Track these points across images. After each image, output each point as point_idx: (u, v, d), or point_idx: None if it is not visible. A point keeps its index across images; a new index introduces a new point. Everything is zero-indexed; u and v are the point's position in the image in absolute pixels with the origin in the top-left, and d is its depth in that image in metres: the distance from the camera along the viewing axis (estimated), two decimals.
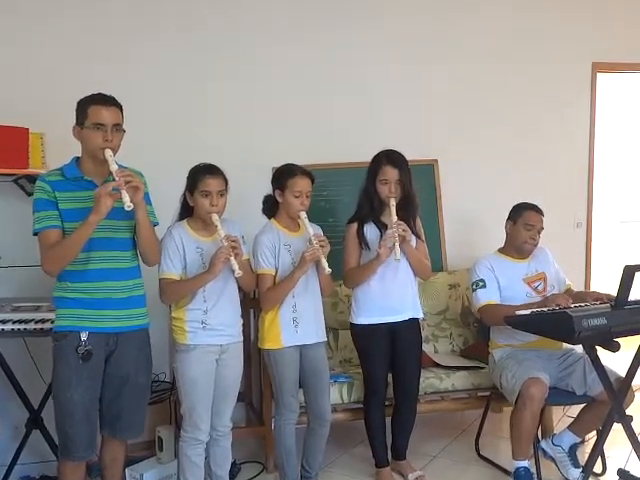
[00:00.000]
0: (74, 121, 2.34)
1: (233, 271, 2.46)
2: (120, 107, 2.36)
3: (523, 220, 3.19)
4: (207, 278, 2.50)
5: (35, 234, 2.31)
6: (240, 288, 2.74)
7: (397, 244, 2.77)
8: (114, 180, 2.22)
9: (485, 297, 3.15)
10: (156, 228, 2.49)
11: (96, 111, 2.28)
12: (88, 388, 2.34)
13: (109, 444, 2.55)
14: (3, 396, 3.04)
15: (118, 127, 2.33)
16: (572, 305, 2.82)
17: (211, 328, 2.58)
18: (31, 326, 2.73)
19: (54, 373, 2.37)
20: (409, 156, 2.99)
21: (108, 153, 2.27)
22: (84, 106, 2.31)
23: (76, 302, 2.34)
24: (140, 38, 3.64)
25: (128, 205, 2.19)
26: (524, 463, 2.94)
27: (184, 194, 2.65)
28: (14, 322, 2.76)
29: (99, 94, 2.33)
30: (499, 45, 4.18)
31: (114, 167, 2.24)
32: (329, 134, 3.91)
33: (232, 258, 2.45)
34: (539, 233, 3.21)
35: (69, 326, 2.34)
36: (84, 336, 2.32)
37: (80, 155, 2.39)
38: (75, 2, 3.55)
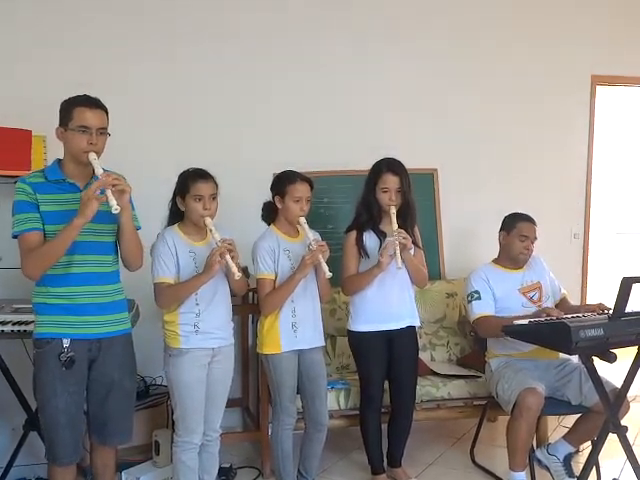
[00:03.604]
0: None
1: (233, 273, 2.46)
2: (105, 110, 2.32)
3: (517, 231, 3.20)
4: (204, 279, 2.49)
5: (15, 237, 2.27)
6: (231, 292, 2.74)
7: (398, 252, 2.79)
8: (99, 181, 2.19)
9: (480, 309, 3.16)
10: (141, 232, 2.47)
11: (81, 113, 2.24)
12: (72, 394, 2.31)
13: (99, 451, 2.52)
14: (1, 397, 3.03)
15: (103, 131, 2.29)
16: (567, 316, 2.84)
17: (203, 332, 2.58)
18: (30, 328, 2.70)
19: (37, 380, 2.33)
20: (409, 165, 3.01)
21: (92, 156, 2.24)
22: (69, 107, 2.27)
23: (57, 308, 2.30)
24: (141, 40, 3.67)
25: (115, 208, 2.16)
26: (521, 476, 2.94)
27: (173, 199, 2.65)
28: (14, 324, 2.77)
29: (84, 96, 2.30)
30: (499, 57, 4.22)
31: (99, 171, 2.21)
32: (329, 141, 3.94)
33: (230, 260, 2.45)
34: (533, 243, 3.23)
35: (51, 333, 2.29)
36: (66, 343, 2.28)
37: (62, 157, 2.36)
38: (77, 5, 3.58)
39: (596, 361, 2.67)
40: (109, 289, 2.39)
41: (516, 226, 3.21)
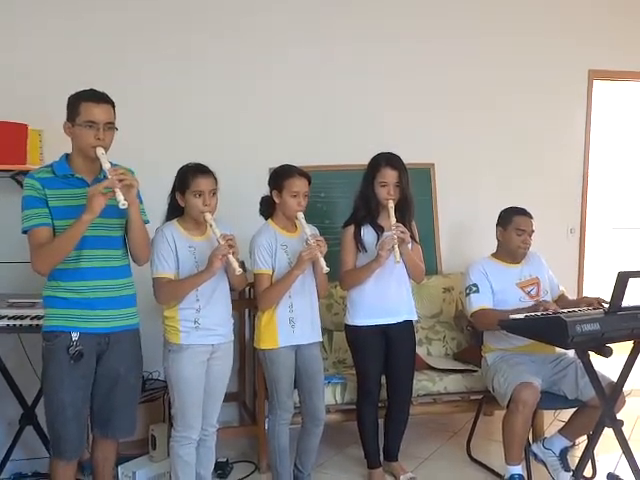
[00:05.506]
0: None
1: (234, 269, 2.46)
2: (112, 104, 2.32)
3: (514, 226, 3.20)
4: (205, 276, 2.49)
5: (24, 232, 2.28)
6: (230, 287, 2.73)
7: (396, 246, 2.79)
8: (106, 178, 2.20)
9: (478, 302, 3.16)
10: (147, 226, 2.47)
11: (88, 109, 2.25)
12: (79, 388, 2.33)
13: (100, 443, 2.54)
14: None
15: (110, 125, 2.29)
16: (564, 310, 2.84)
17: (204, 328, 2.58)
18: (27, 322, 2.74)
19: (44, 373, 2.35)
20: (406, 159, 3.00)
21: (100, 151, 2.24)
22: (75, 103, 2.27)
23: (67, 302, 2.31)
24: (140, 36, 3.66)
25: (123, 203, 2.17)
26: (518, 469, 2.95)
27: (172, 194, 2.64)
28: (9, 318, 2.77)
29: (91, 90, 2.29)
30: (497, 52, 4.22)
31: (107, 165, 2.22)
32: (327, 136, 3.94)
33: (231, 256, 2.45)
34: (530, 236, 3.23)
35: (60, 326, 2.31)
36: (75, 336, 2.29)
37: (70, 152, 2.36)
38: (74, 2, 3.57)
39: (592, 355, 2.68)
40: (118, 283, 2.40)
41: (512, 221, 3.21)
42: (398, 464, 3.20)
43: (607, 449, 3.10)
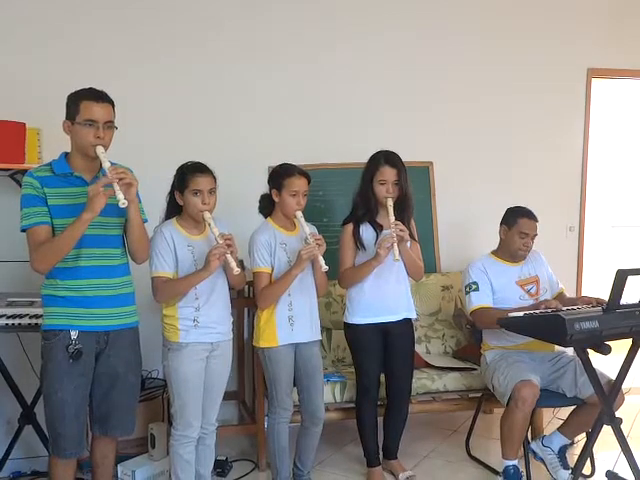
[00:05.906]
0: None
1: (232, 268, 2.47)
2: (112, 103, 2.32)
3: (518, 228, 3.19)
4: (203, 276, 2.49)
5: (23, 231, 2.28)
6: (229, 286, 2.73)
7: (395, 244, 2.79)
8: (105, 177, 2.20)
9: (478, 300, 3.16)
10: (146, 225, 2.47)
11: (88, 107, 2.25)
12: (79, 387, 2.33)
13: (100, 442, 2.54)
14: None
15: (110, 124, 2.30)
16: (564, 308, 2.84)
17: (203, 326, 2.58)
18: (25, 321, 2.74)
19: (44, 372, 2.35)
20: (405, 158, 3.00)
21: (100, 150, 2.25)
22: (76, 101, 2.28)
23: (66, 300, 2.32)
24: (139, 36, 3.66)
25: (123, 202, 2.17)
26: (513, 462, 2.96)
27: (171, 193, 2.64)
28: (8, 317, 2.76)
29: (90, 89, 2.30)
30: (496, 50, 4.22)
31: (107, 164, 2.22)
32: (325, 134, 3.93)
33: (229, 256, 2.46)
34: (533, 240, 3.23)
35: (59, 325, 2.31)
36: (74, 335, 2.30)
37: (69, 150, 2.36)
38: (73, 1, 3.56)
39: (591, 353, 2.68)
40: (117, 282, 2.40)
41: (517, 222, 3.19)
42: (397, 462, 3.20)
43: (606, 447, 3.11)
